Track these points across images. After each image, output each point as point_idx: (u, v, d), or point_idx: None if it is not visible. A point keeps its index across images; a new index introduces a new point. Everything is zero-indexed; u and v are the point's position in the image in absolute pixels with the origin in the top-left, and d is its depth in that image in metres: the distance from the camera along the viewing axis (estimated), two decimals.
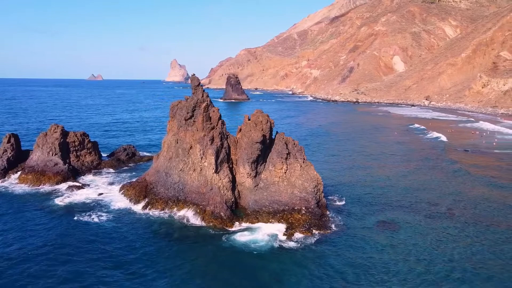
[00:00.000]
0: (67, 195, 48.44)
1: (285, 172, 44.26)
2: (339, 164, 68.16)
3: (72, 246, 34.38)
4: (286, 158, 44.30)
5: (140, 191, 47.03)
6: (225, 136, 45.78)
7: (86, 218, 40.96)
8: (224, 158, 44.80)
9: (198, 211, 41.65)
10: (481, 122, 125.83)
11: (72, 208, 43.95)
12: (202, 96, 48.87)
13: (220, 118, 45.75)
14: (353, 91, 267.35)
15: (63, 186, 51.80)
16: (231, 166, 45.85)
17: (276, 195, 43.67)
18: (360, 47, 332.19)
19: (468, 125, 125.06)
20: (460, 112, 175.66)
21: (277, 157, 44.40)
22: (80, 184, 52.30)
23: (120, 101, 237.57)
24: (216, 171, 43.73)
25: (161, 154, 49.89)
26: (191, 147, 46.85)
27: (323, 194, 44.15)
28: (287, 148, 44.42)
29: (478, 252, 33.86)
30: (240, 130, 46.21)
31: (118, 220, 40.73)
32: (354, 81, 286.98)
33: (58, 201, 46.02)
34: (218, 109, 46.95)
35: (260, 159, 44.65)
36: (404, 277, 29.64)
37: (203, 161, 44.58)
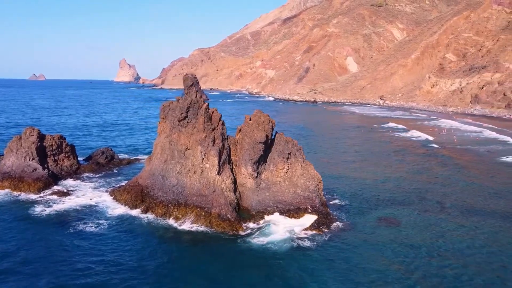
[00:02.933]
0: (55, 202, 45.45)
1: (286, 172, 44.55)
2: (326, 162, 69.42)
3: (77, 260, 31.98)
4: (288, 158, 44.59)
5: (135, 195, 45.21)
6: (226, 137, 45.26)
7: (83, 227, 38.51)
8: (226, 159, 44.27)
9: (203, 214, 40.76)
10: (443, 120, 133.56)
11: (65, 217, 41.25)
12: (196, 96, 47.98)
13: (220, 119, 45.12)
14: (310, 91, 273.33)
15: (46, 192, 48.59)
16: (231, 167, 45.39)
17: (279, 195, 43.85)
18: (315, 47, 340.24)
19: (426, 123, 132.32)
20: (415, 110, 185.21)
21: (279, 157, 44.58)
22: (66, 190, 49.39)
23: (75, 102, 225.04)
24: (219, 173, 43.11)
25: (154, 157, 48.24)
26: (186, 149, 45.82)
27: (322, 192, 44.96)
28: (288, 147, 44.72)
29: (474, 239, 36.04)
30: (240, 130, 45.90)
31: (120, 228, 38.77)
32: (310, 81, 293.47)
33: (47, 210, 43.00)
34: (216, 109, 46.28)
35: (261, 160, 44.61)
36: (422, 267, 30.95)
37: (204, 163, 43.71)
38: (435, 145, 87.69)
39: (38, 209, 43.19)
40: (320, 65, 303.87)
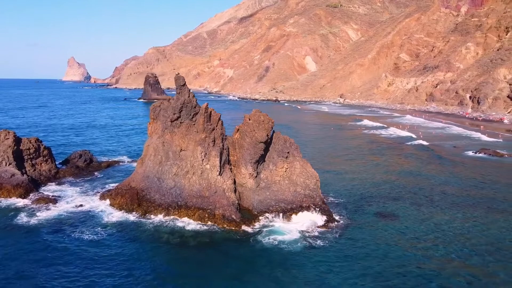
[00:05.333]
0: (41, 209, 42.54)
1: (285, 171, 44.71)
2: (312, 161, 70.02)
3: (79, 270, 30.18)
4: (287, 157, 44.77)
5: (131, 199, 43.46)
6: (225, 137, 44.68)
7: (79, 235, 36.20)
8: (226, 160, 43.73)
9: (206, 216, 40.01)
10: (405, 117, 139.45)
11: (58, 225, 38.72)
12: (189, 96, 46.94)
13: (219, 118, 44.46)
14: (271, 90, 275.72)
15: (29, 199, 45.48)
16: (230, 167, 44.88)
17: (280, 194, 43.90)
18: (274, 47, 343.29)
19: (389, 120, 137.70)
20: (375, 108, 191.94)
21: (278, 156, 44.65)
22: (51, 196, 46.56)
23: (28, 103, 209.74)
24: (220, 173, 42.50)
25: (147, 159, 46.67)
26: (181, 150, 44.80)
27: (320, 190, 45.58)
28: (286, 146, 44.91)
29: (467, 226, 38.17)
30: (238, 130, 45.45)
31: (122, 234, 36.92)
32: (271, 80, 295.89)
33: (35, 218, 40.07)
34: (214, 109, 45.55)
35: (261, 159, 44.47)
36: (436, 257, 32.31)
37: (204, 164, 42.90)
38: (407, 142, 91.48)
39: (25, 217, 40.26)
40: (280, 64, 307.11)
